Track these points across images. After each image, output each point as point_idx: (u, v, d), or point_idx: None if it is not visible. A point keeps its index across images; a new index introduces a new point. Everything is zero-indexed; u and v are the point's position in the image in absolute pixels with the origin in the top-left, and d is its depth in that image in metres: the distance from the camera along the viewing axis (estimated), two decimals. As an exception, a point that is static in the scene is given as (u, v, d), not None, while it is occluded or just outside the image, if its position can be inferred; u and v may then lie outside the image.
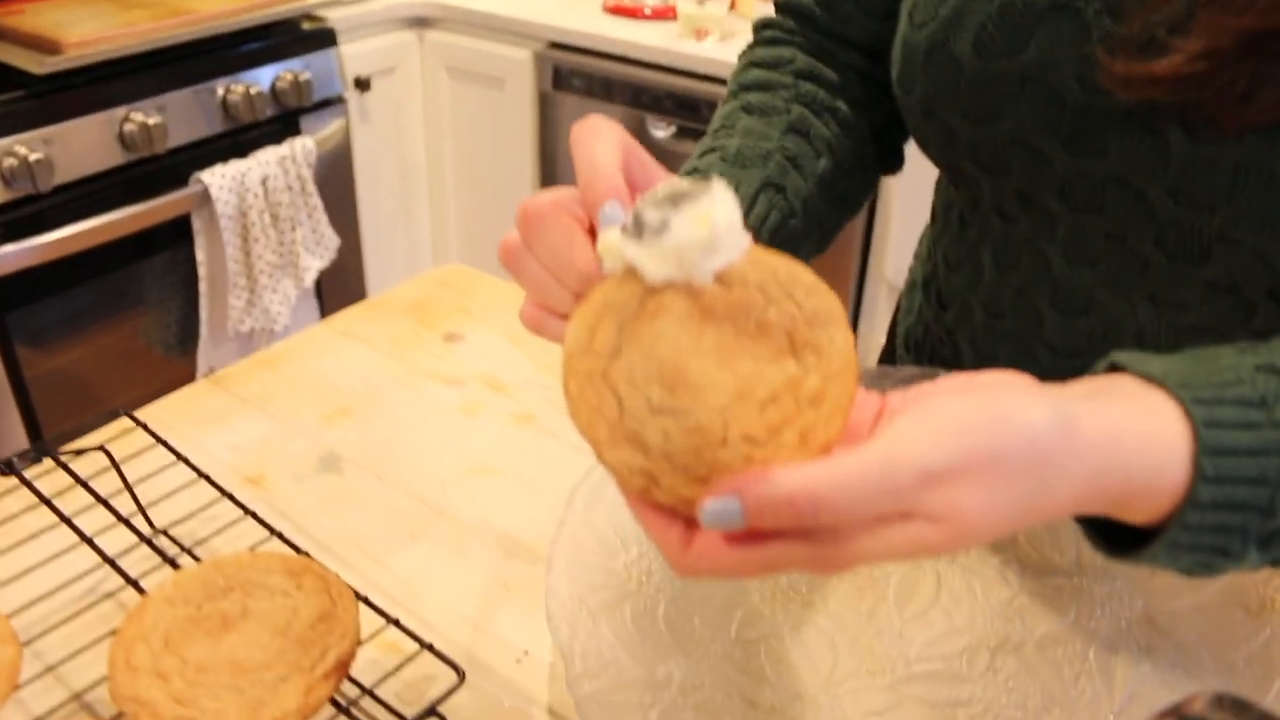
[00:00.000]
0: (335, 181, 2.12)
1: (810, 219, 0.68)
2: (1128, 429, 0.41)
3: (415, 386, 0.87)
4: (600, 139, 0.48)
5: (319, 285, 2.14)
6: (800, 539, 0.39)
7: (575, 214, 0.48)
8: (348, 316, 0.98)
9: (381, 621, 0.59)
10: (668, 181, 0.45)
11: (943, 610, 0.66)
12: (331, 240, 2.07)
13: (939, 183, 0.81)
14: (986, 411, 0.39)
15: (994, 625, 0.66)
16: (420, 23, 2.27)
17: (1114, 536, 0.47)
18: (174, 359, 1.98)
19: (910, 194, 1.78)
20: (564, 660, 0.56)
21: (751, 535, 0.40)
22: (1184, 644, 0.64)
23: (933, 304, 0.82)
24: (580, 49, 2.06)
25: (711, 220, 0.40)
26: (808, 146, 0.69)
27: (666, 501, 0.41)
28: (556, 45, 2.09)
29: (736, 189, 0.64)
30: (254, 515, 0.64)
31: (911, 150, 0.74)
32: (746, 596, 0.65)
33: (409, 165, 2.39)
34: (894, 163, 0.80)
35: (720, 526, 0.39)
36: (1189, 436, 0.41)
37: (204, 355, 1.98)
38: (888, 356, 0.93)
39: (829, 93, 0.72)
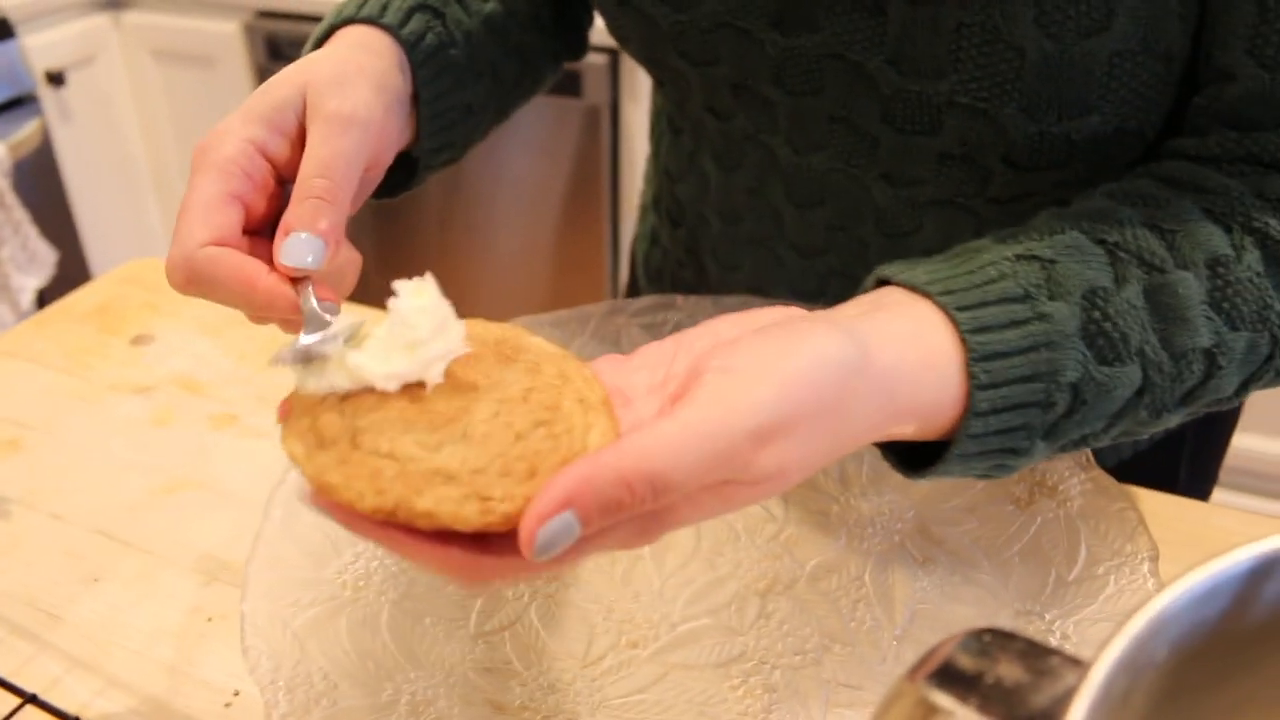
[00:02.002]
0: (41, 189, 1.91)
1: (479, 57, 0.60)
2: (909, 346, 0.40)
3: (97, 402, 0.75)
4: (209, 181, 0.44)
5: (42, 304, 1.94)
6: (628, 521, 0.35)
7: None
8: (13, 336, 0.84)
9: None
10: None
11: (704, 560, 0.60)
12: (47, 254, 1.87)
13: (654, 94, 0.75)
14: (797, 354, 0.36)
15: (761, 566, 0.60)
16: (114, 4, 2.06)
17: (906, 456, 0.45)
18: (-124, 410, 1.75)
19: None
20: (266, 701, 0.47)
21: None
22: (959, 550, 0.61)
23: (666, 223, 0.77)
24: (294, 15, 1.91)
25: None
26: None
27: (513, 511, 0.35)
28: (266, 14, 1.94)
29: (385, 8, 0.54)
30: None
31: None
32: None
33: (127, 160, 2.19)
34: (577, 47, 0.72)
35: (558, 548, 0.33)
36: (958, 345, 0.40)
37: (-88, 401, 1.76)
38: (631, 289, 0.87)
39: None
